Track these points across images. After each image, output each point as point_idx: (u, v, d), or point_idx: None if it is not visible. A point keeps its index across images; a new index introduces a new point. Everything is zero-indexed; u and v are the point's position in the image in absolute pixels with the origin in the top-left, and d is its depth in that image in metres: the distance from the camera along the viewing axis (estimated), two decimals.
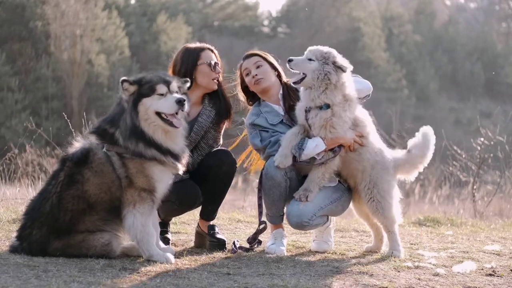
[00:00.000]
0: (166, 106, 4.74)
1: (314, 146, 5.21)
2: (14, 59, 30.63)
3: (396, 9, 47.42)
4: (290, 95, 5.60)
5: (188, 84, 5.00)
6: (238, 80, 5.73)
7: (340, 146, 5.29)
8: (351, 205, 5.66)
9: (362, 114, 5.44)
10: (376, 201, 5.36)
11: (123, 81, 4.75)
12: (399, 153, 5.58)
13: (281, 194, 5.36)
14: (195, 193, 5.45)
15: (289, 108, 5.54)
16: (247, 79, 5.59)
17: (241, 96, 5.76)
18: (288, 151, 5.21)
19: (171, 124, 4.75)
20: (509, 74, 44.53)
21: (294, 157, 5.24)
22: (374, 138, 5.45)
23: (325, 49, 5.28)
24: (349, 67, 5.25)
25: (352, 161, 5.38)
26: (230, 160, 5.53)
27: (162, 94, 4.75)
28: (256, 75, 5.53)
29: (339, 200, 5.49)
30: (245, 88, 5.70)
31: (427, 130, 5.51)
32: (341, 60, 5.25)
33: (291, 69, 5.30)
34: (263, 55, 5.65)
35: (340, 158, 5.35)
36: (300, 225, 5.32)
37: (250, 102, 5.73)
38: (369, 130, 5.42)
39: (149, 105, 4.73)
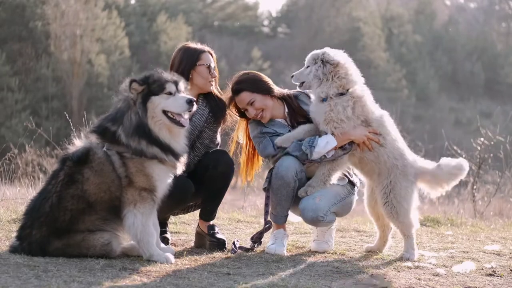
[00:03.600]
0: (176, 105, 4.78)
1: (325, 143, 5.24)
2: (14, 59, 30.64)
3: (396, 9, 47.42)
4: (294, 111, 5.62)
5: (188, 87, 5.04)
6: (233, 108, 5.68)
7: (351, 143, 5.30)
8: (365, 203, 5.64)
9: (380, 113, 5.42)
10: (391, 206, 5.31)
11: (132, 81, 4.76)
12: (428, 163, 5.50)
13: (288, 195, 5.37)
14: (186, 188, 5.38)
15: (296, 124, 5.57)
16: (247, 114, 5.59)
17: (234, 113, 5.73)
18: (292, 138, 5.32)
19: (177, 123, 4.79)
20: (509, 74, 44.52)
21: (305, 155, 5.28)
22: (396, 141, 5.38)
23: (318, 51, 5.38)
24: (338, 60, 5.28)
25: (368, 162, 5.36)
26: (227, 160, 5.52)
27: (170, 93, 4.79)
28: (256, 114, 5.53)
29: (348, 198, 5.54)
30: (241, 112, 5.67)
31: (463, 164, 5.48)
32: (329, 56, 5.29)
33: (296, 84, 5.44)
34: (247, 86, 5.55)
35: (356, 157, 5.35)
36: (316, 219, 5.34)
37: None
38: (388, 131, 5.37)
39: (158, 103, 4.76)
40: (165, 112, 4.77)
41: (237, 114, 5.69)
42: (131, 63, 34.31)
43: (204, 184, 5.48)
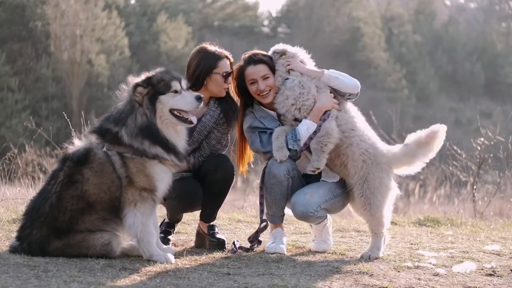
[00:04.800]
0: (186, 102, 4.82)
1: (306, 130, 5.27)
2: (14, 59, 30.63)
3: (396, 9, 47.41)
4: None
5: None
6: (234, 81, 5.59)
7: (326, 112, 5.32)
8: (349, 204, 5.65)
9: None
10: (365, 197, 5.27)
11: (137, 85, 4.76)
12: (396, 147, 5.47)
13: (283, 193, 5.36)
14: (195, 191, 5.43)
15: None
16: (251, 88, 5.48)
17: (234, 95, 5.66)
18: (282, 143, 5.30)
19: (185, 120, 4.83)
20: (509, 74, 44.53)
21: (295, 151, 5.29)
22: (365, 131, 5.40)
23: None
24: (281, 49, 5.45)
25: (340, 154, 5.34)
26: (227, 166, 5.49)
27: (176, 91, 4.82)
28: (264, 89, 5.44)
29: (341, 196, 5.48)
30: (241, 88, 5.58)
31: (437, 128, 5.35)
32: (272, 50, 5.51)
33: None
34: (268, 61, 5.49)
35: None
36: (306, 215, 5.32)
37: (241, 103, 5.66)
38: (356, 120, 5.41)
39: (166, 102, 4.77)
40: (171, 111, 4.78)
41: (236, 89, 5.60)
42: (131, 63, 34.29)
43: (204, 188, 5.47)
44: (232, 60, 5.59)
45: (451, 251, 5.89)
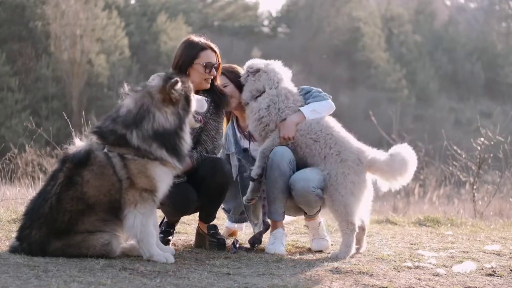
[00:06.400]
0: (201, 105, 5.05)
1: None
2: (14, 59, 30.66)
3: (396, 9, 47.42)
4: None
5: None
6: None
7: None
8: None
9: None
10: (329, 194, 5.23)
11: (177, 82, 4.76)
12: (380, 153, 5.36)
13: (285, 185, 5.37)
14: (188, 197, 5.36)
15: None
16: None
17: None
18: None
19: (197, 120, 5.04)
20: (509, 74, 44.54)
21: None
22: (331, 129, 5.40)
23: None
24: (257, 67, 5.65)
25: (299, 151, 5.44)
26: (225, 170, 5.44)
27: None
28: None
29: None
30: None
31: (404, 152, 5.31)
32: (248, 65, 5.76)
33: None
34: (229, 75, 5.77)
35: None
36: (307, 190, 5.26)
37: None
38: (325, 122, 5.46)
39: (194, 103, 4.93)
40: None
41: None
42: (131, 63, 34.34)
43: (202, 192, 5.41)
44: (218, 52, 5.58)
45: (451, 251, 5.89)
